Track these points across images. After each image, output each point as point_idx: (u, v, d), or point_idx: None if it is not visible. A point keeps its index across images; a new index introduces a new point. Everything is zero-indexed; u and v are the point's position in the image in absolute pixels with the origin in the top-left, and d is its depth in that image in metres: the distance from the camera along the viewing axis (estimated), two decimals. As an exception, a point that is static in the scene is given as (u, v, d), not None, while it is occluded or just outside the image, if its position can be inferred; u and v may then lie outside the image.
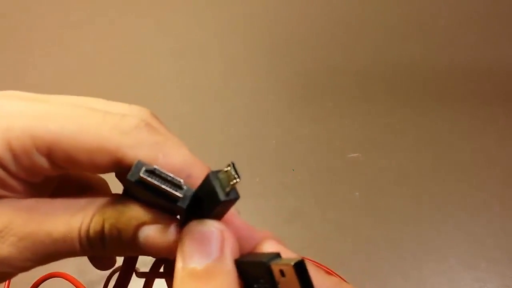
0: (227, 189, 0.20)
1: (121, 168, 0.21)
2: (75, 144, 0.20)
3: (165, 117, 0.24)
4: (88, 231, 0.21)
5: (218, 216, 0.21)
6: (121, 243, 0.21)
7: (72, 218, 0.21)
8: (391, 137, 0.57)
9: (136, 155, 0.20)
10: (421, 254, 0.47)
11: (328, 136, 0.57)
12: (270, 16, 0.72)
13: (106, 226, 0.21)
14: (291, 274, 0.18)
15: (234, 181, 0.19)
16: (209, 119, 0.58)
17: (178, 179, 0.20)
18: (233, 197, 0.20)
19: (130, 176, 0.20)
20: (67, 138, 0.20)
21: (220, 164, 0.21)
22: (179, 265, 0.19)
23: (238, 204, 0.24)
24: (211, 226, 0.20)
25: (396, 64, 0.65)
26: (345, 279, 0.39)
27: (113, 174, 0.22)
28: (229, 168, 0.19)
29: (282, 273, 0.18)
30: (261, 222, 0.48)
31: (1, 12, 0.71)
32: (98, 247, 0.21)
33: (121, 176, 0.22)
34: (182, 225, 0.21)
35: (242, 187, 0.21)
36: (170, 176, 0.20)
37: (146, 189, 0.20)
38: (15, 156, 0.20)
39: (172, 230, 0.21)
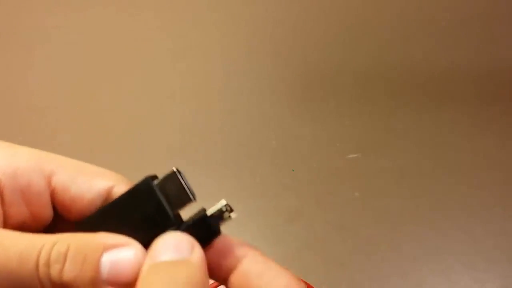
0: (221, 223, 0.21)
1: None
2: (77, 170, 0.22)
3: (165, 117, 0.24)
4: (49, 254, 0.19)
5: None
6: (84, 272, 0.19)
7: (34, 238, 0.19)
8: (392, 138, 0.57)
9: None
10: (420, 254, 0.47)
11: (328, 137, 0.57)
12: (271, 16, 0.72)
13: (71, 249, 0.19)
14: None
15: (229, 219, 0.21)
16: (209, 119, 0.58)
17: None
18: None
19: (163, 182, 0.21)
20: (69, 166, 0.22)
21: (220, 163, 0.22)
22: (147, 262, 0.19)
23: (238, 204, 0.24)
24: (184, 235, 0.20)
25: (396, 64, 0.65)
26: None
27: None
28: (223, 205, 0.21)
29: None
30: (261, 223, 0.48)
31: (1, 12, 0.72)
32: (57, 276, 0.19)
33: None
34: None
35: (242, 188, 0.21)
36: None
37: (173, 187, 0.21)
38: (16, 173, 0.21)
39: (140, 254, 0.20)
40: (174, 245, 0.19)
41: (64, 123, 0.58)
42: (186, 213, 0.22)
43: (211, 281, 0.22)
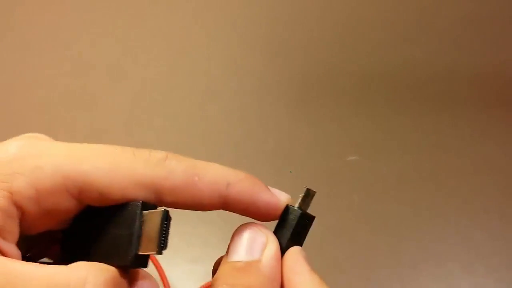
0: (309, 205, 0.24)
1: (153, 202, 0.21)
2: (110, 182, 0.20)
3: (163, 118, 0.24)
4: None
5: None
6: None
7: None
8: (391, 141, 0.56)
9: (173, 184, 0.21)
10: (419, 259, 0.46)
11: (327, 139, 0.56)
12: (269, 17, 0.71)
13: None
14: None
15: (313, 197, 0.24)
16: (207, 121, 0.58)
17: None
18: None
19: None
20: (101, 177, 0.20)
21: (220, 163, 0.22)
22: (225, 257, 0.22)
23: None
24: (258, 231, 0.23)
25: (396, 67, 0.65)
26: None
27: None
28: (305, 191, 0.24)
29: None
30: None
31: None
32: None
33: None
34: None
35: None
36: None
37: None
38: (40, 197, 0.20)
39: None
40: (246, 245, 0.22)
41: (64, 123, 0.58)
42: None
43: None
